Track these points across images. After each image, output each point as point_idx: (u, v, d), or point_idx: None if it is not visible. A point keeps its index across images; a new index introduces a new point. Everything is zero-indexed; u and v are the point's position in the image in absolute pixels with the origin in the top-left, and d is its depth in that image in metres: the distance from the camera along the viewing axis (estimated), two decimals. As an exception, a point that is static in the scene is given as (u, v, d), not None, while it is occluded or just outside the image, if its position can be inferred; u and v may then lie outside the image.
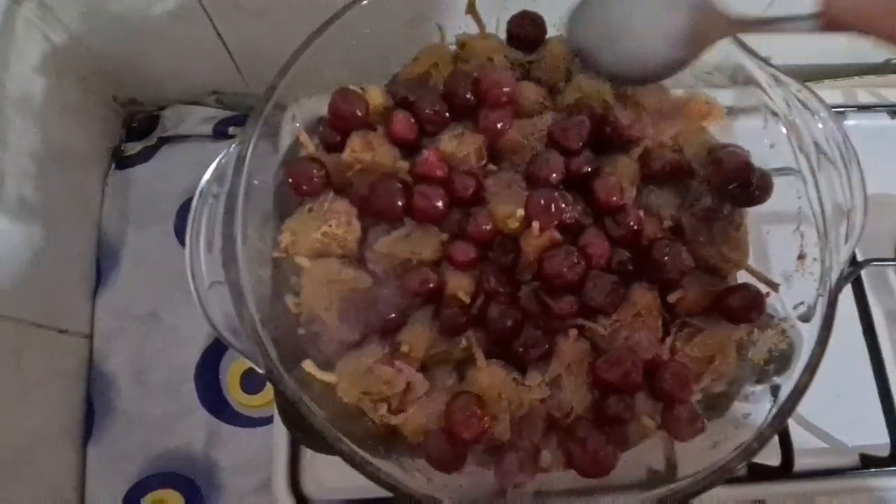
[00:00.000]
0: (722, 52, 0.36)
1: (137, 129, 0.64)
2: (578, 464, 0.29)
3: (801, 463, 0.44)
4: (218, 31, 0.53)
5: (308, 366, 0.30)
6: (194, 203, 0.30)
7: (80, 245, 0.56)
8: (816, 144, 0.34)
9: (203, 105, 0.63)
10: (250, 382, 0.55)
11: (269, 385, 0.55)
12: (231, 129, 0.61)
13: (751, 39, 0.60)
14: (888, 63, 0.66)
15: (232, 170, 0.29)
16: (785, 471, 0.43)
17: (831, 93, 0.59)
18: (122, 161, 0.61)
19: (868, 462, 0.45)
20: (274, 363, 0.28)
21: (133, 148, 0.61)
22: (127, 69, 0.58)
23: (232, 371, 0.55)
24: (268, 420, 0.54)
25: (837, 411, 0.45)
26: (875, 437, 0.46)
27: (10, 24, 0.46)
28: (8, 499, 0.44)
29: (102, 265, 0.57)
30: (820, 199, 0.33)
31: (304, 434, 0.41)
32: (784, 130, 0.35)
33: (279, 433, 0.45)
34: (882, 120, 0.58)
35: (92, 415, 0.53)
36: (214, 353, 0.55)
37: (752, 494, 0.47)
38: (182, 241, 0.58)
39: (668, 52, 0.29)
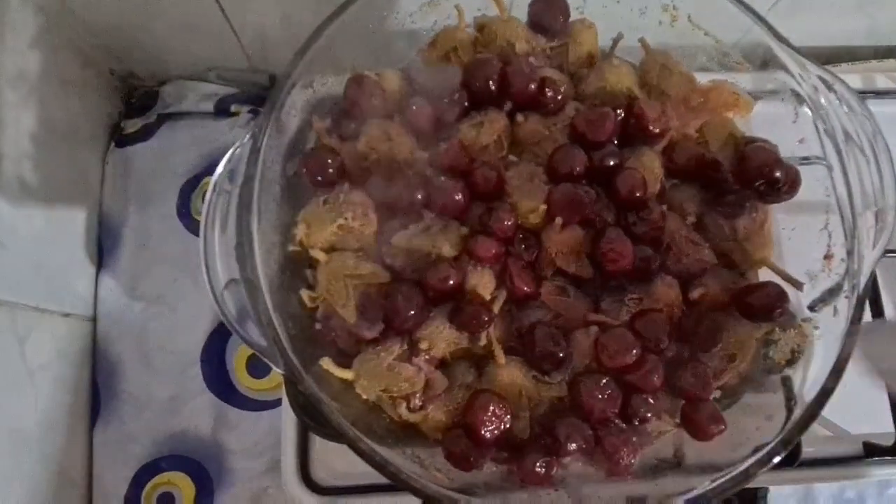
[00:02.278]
0: (741, 30, 0.34)
1: (136, 105, 0.62)
2: (600, 462, 0.29)
3: (804, 451, 0.44)
4: (221, 6, 0.51)
5: (326, 363, 0.29)
6: (208, 196, 0.29)
7: (81, 226, 0.55)
8: (845, 132, 0.33)
9: (204, 81, 0.61)
10: (257, 366, 0.55)
11: (275, 369, 0.55)
12: (233, 107, 0.60)
13: (769, 21, 0.59)
14: (906, 45, 0.65)
15: (246, 161, 0.28)
16: (790, 460, 0.44)
17: (851, 77, 0.58)
18: (121, 139, 0.59)
19: (871, 451, 0.46)
20: (294, 363, 0.27)
21: (133, 125, 0.60)
22: (126, 43, 0.56)
23: (238, 355, 0.55)
24: (274, 403, 0.54)
25: (842, 400, 0.45)
26: (879, 425, 0.46)
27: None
28: (20, 482, 0.44)
29: (104, 246, 0.56)
30: (849, 190, 0.31)
31: (315, 422, 0.41)
32: (810, 115, 0.34)
33: (288, 420, 0.45)
34: None
35: (98, 398, 0.53)
36: (220, 336, 0.55)
37: (757, 481, 0.48)
38: (184, 223, 0.58)
39: None
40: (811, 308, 0.33)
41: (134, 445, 0.52)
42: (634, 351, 0.29)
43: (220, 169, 0.29)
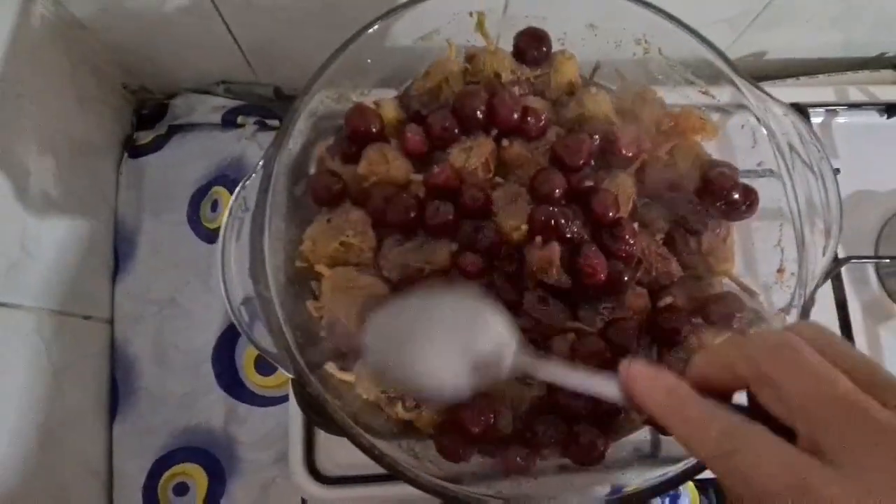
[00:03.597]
0: (696, 53, 0.37)
1: (147, 117, 0.65)
2: (574, 454, 0.33)
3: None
4: (228, 26, 0.54)
5: (331, 368, 0.33)
6: (224, 220, 0.32)
7: (99, 234, 0.58)
8: (791, 146, 0.36)
9: (212, 94, 0.64)
10: (264, 365, 0.57)
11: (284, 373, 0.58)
12: (240, 119, 0.63)
13: (750, 34, 0.62)
14: (881, 56, 0.68)
15: (258, 188, 0.31)
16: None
17: (824, 90, 0.61)
18: (134, 150, 0.62)
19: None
20: (303, 369, 0.31)
21: (145, 137, 0.62)
22: (138, 59, 0.59)
23: (247, 354, 0.58)
24: (281, 399, 0.57)
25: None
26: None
27: (25, 20, 0.47)
28: (46, 472, 0.48)
29: (120, 252, 0.59)
30: (797, 201, 0.35)
31: (319, 419, 0.44)
32: (764, 131, 0.37)
33: (294, 416, 0.48)
34: (872, 118, 0.60)
35: (117, 395, 0.56)
36: (230, 337, 0.58)
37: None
38: (194, 230, 0.60)
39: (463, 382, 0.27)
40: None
41: (151, 438, 0.55)
42: (605, 355, 0.33)
43: (234, 196, 0.32)
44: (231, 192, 0.61)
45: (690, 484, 0.56)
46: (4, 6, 0.45)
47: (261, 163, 0.32)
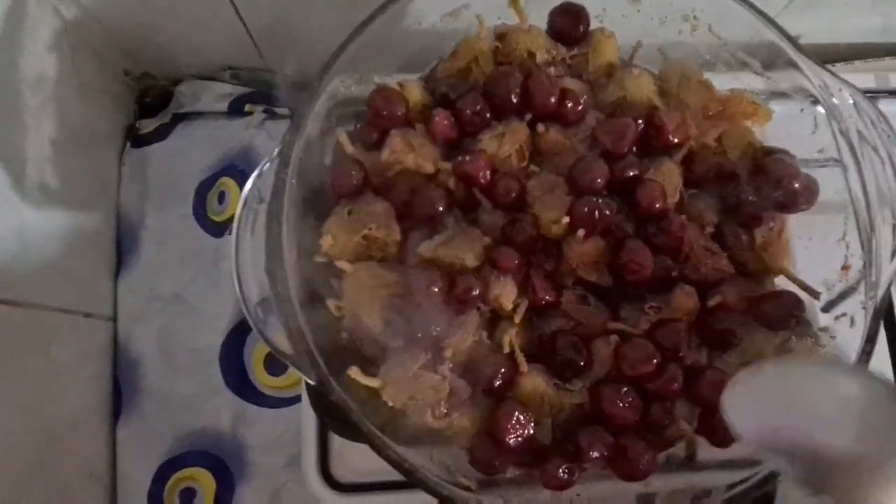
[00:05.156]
0: (750, 30, 0.34)
1: (150, 105, 0.63)
2: (620, 468, 0.30)
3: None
4: (236, 7, 0.51)
5: (355, 373, 0.30)
6: (238, 213, 0.29)
7: (100, 227, 0.56)
8: (859, 132, 0.33)
9: (218, 80, 0.62)
10: (274, 364, 0.56)
11: (292, 367, 0.56)
12: (248, 107, 0.60)
13: (783, 18, 0.59)
14: (919, 42, 0.65)
15: (274, 177, 0.29)
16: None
17: (864, 76, 0.58)
18: (137, 139, 0.60)
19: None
20: (325, 374, 0.28)
21: (148, 126, 0.60)
22: (141, 43, 0.56)
23: (256, 353, 0.56)
24: (291, 400, 0.55)
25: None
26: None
27: (21, 1, 0.45)
28: (47, 476, 0.46)
29: (123, 246, 0.57)
30: (864, 189, 0.32)
31: (334, 422, 0.42)
32: (825, 116, 0.34)
33: (307, 420, 0.46)
34: None
35: (120, 396, 0.54)
36: (238, 335, 0.56)
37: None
38: (201, 223, 0.58)
39: None
40: (824, 310, 0.33)
41: (156, 441, 0.53)
42: (654, 360, 0.30)
43: (248, 185, 0.29)
44: (239, 184, 0.59)
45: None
46: (-5, -13, 0.43)
47: (277, 149, 0.29)
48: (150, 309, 0.56)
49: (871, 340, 0.29)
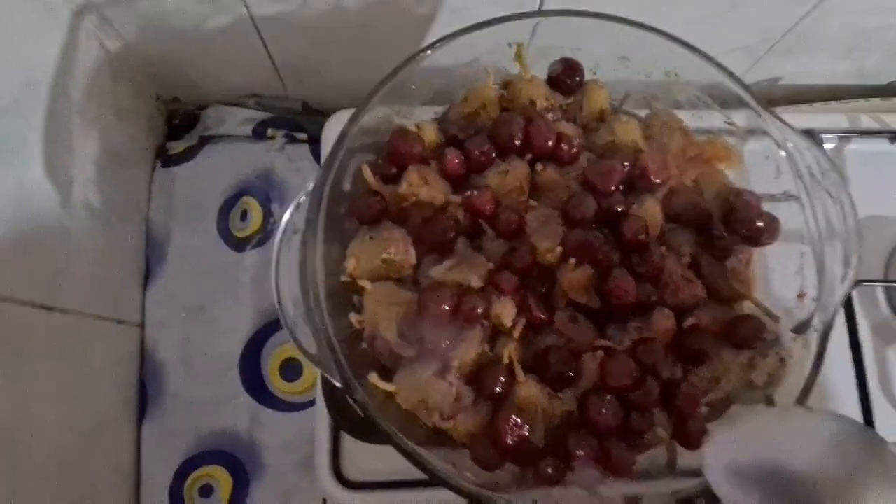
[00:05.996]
0: (710, 77, 0.39)
1: (178, 127, 0.67)
2: (605, 468, 0.35)
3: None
4: (266, 44, 0.56)
5: (373, 378, 0.35)
6: (277, 238, 0.34)
7: (132, 241, 0.60)
8: (811, 173, 0.38)
9: (242, 107, 0.66)
10: (289, 371, 0.59)
11: (305, 374, 0.60)
12: (270, 131, 0.64)
13: (767, 61, 0.63)
14: (892, 85, 0.70)
15: (307, 209, 0.33)
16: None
17: (837, 117, 0.62)
18: (166, 159, 0.64)
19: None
20: (351, 378, 0.32)
21: (177, 147, 0.64)
22: (173, 73, 0.61)
23: (272, 360, 0.59)
24: (304, 405, 0.58)
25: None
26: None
27: (74, 35, 0.49)
28: (80, 473, 0.49)
29: (151, 259, 0.61)
30: (818, 227, 0.36)
31: (347, 423, 0.46)
32: (784, 158, 0.39)
33: (321, 422, 0.49)
34: (883, 145, 0.61)
35: (146, 398, 0.58)
36: (256, 344, 0.59)
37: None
38: (224, 238, 0.62)
39: None
40: (797, 331, 0.38)
41: (178, 441, 0.57)
42: (634, 375, 0.35)
43: (286, 217, 0.34)
44: (260, 203, 0.63)
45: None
46: (56, 23, 0.47)
47: (310, 186, 0.34)
48: (175, 318, 0.59)
49: (819, 357, 0.33)
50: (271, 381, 0.59)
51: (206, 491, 0.56)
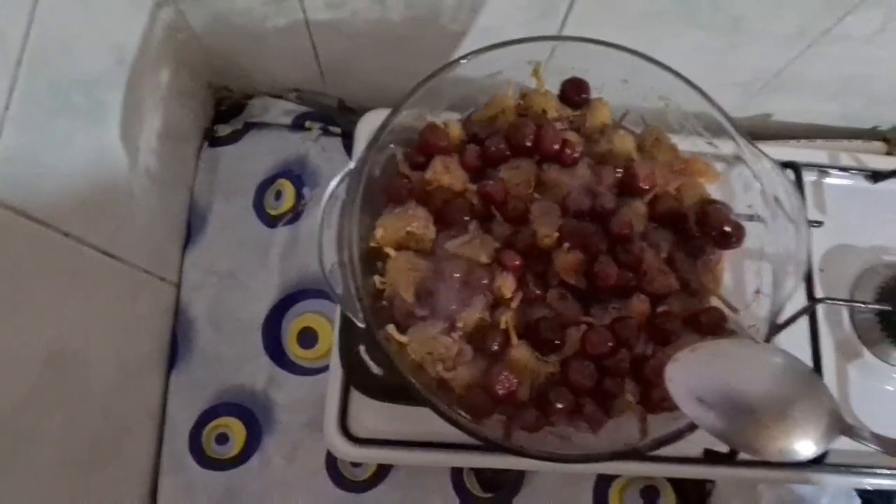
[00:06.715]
0: (698, 105, 0.45)
1: (225, 112, 0.74)
2: (577, 422, 0.41)
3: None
4: (314, 46, 0.63)
5: (391, 329, 0.41)
6: (324, 199, 0.41)
7: (178, 209, 0.66)
8: (776, 198, 0.44)
9: (284, 99, 0.73)
10: (306, 339, 0.65)
11: (320, 343, 0.66)
12: (307, 123, 0.71)
13: (759, 97, 0.70)
14: (874, 129, 0.76)
15: (348, 182, 0.40)
16: (731, 457, 0.54)
17: (820, 153, 0.68)
18: (213, 140, 0.71)
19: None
20: (371, 319, 0.39)
21: (224, 130, 0.71)
22: (229, 64, 0.68)
23: (292, 328, 0.65)
24: (317, 371, 0.64)
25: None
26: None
27: (153, 24, 0.56)
28: (116, 413, 0.55)
29: (192, 227, 0.67)
30: (775, 244, 0.43)
31: (358, 379, 0.52)
32: (755, 181, 0.45)
33: (333, 382, 0.55)
34: (860, 182, 0.67)
35: (176, 350, 0.64)
36: (279, 311, 0.65)
37: (705, 474, 0.58)
38: (258, 215, 0.68)
39: None
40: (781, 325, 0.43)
41: (201, 392, 0.62)
42: (610, 344, 0.41)
43: (333, 183, 0.41)
44: (294, 185, 0.70)
45: (668, 485, 0.63)
46: (140, 12, 0.55)
47: (352, 164, 0.41)
48: (208, 281, 0.66)
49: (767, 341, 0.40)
50: (289, 347, 0.65)
51: (222, 439, 0.62)
